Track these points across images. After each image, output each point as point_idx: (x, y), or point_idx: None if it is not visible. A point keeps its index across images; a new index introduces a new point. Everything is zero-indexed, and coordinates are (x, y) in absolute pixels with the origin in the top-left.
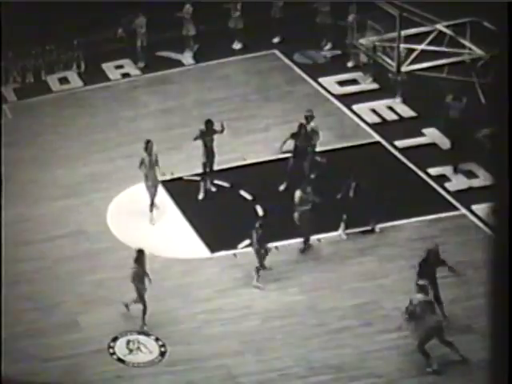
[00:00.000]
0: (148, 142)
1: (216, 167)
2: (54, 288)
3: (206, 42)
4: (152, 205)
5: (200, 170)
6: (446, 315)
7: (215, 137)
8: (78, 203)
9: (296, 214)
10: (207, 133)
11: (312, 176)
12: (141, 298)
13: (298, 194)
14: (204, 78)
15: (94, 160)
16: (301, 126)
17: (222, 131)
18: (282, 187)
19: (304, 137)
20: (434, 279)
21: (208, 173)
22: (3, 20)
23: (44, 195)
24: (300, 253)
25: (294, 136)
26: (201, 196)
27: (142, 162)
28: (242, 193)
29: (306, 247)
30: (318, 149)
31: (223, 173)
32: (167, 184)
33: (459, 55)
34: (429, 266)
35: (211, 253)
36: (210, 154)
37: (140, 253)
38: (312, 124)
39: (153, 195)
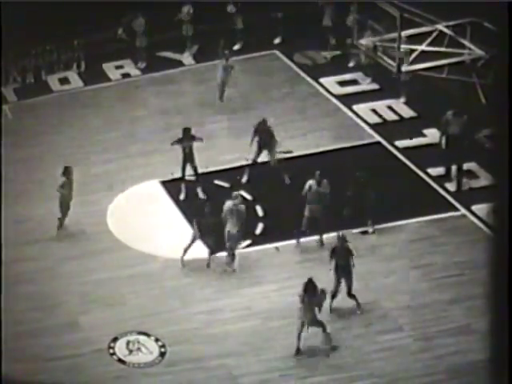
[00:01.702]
0: (67, 168)
1: (216, 167)
2: (54, 288)
3: (205, 42)
4: (61, 225)
5: (199, 171)
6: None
7: (194, 144)
8: (78, 203)
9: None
10: (185, 140)
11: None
12: (317, 322)
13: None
14: (204, 78)
15: (94, 160)
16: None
17: (201, 140)
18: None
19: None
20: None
21: (186, 176)
22: (3, 20)
23: (44, 195)
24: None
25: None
26: (182, 196)
27: (62, 186)
28: (242, 193)
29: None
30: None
31: (223, 173)
32: (167, 184)
33: (459, 55)
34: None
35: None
36: (187, 159)
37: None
38: None
39: (65, 214)
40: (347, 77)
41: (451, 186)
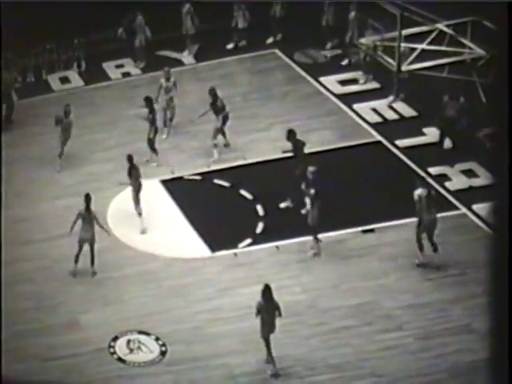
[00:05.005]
0: (87, 195)
1: (216, 167)
2: (54, 287)
3: (206, 41)
4: (76, 261)
5: (200, 170)
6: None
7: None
8: (78, 203)
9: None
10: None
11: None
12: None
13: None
14: (204, 78)
15: (93, 160)
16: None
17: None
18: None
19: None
20: None
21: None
22: (3, 20)
23: (44, 195)
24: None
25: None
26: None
27: (78, 217)
28: (243, 192)
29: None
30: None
31: (223, 172)
32: (167, 184)
33: (460, 55)
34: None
35: (212, 252)
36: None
37: (266, 288)
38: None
39: (79, 251)
40: (348, 76)
41: (452, 185)
